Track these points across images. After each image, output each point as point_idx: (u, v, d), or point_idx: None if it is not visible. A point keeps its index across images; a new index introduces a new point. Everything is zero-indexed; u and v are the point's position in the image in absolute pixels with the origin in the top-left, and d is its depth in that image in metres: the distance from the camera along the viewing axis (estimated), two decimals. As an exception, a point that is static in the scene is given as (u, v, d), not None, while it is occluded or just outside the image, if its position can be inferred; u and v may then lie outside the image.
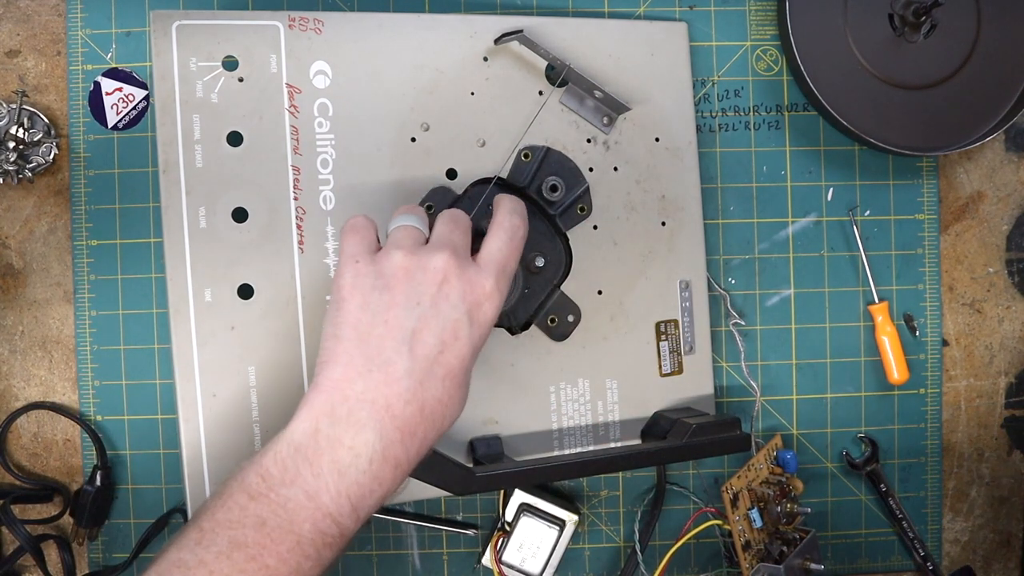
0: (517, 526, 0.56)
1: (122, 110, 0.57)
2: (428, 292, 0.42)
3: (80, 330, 0.57)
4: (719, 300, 0.60)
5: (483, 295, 0.44)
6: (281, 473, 0.39)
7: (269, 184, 0.52)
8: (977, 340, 0.63)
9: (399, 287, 0.42)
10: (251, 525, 0.38)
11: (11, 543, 0.58)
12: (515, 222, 0.47)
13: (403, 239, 0.45)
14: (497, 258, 0.45)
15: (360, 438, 0.40)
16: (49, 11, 0.58)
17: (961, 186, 0.62)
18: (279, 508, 0.39)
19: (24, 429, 0.58)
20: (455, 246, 0.44)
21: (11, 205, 0.58)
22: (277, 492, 0.39)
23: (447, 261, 0.43)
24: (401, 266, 0.43)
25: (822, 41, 0.58)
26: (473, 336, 0.43)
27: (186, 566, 0.38)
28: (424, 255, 0.43)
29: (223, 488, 0.40)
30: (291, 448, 0.40)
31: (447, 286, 0.43)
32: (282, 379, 0.52)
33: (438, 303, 0.42)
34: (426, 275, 0.43)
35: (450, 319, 0.42)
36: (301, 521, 0.39)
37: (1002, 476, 0.63)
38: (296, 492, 0.39)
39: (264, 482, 0.39)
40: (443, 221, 0.46)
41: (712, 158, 0.60)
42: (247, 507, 0.39)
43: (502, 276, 0.45)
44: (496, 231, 0.46)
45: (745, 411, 0.61)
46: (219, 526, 0.39)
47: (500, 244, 0.46)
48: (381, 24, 0.53)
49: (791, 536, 0.57)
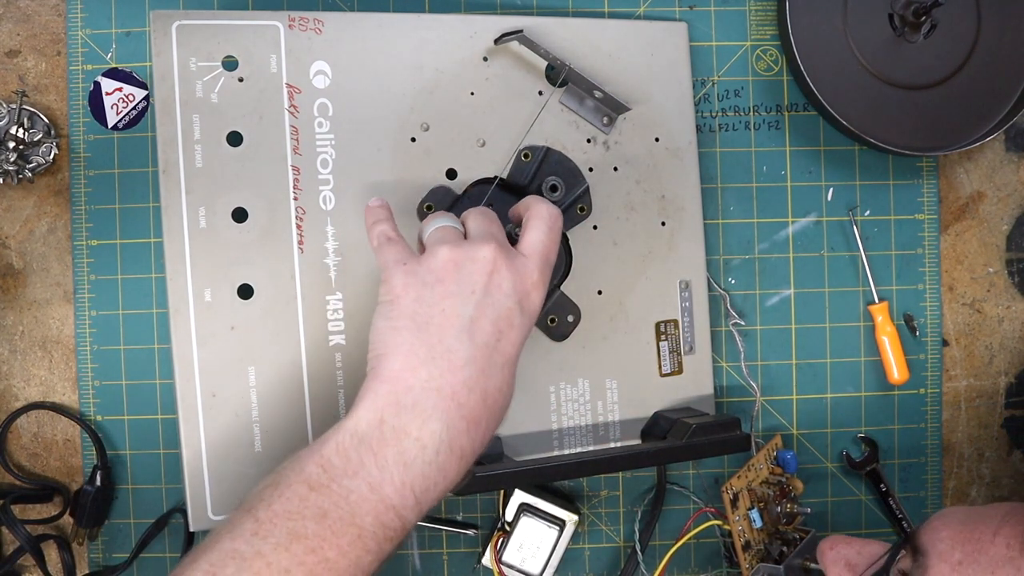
0: (517, 526, 0.56)
1: (122, 110, 0.57)
2: (480, 281, 0.42)
3: (80, 330, 0.57)
4: (719, 300, 0.60)
5: (531, 284, 0.44)
6: (344, 464, 0.39)
7: (269, 184, 0.52)
8: (977, 340, 0.63)
9: (450, 278, 0.42)
10: (311, 516, 0.37)
11: (11, 543, 0.58)
12: (553, 211, 0.47)
13: (444, 236, 0.45)
14: (539, 248, 0.45)
15: (427, 428, 0.39)
16: (49, 11, 0.58)
17: (961, 186, 0.62)
18: (341, 500, 0.38)
19: (24, 429, 0.58)
20: (496, 238, 0.44)
21: (11, 205, 0.58)
22: (339, 483, 0.38)
23: (495, 251, 0.43)
24: (450, 259, 0.43)
25: (822, 41, 0.58)
26: (524, 324, 0.43)
27: (242, 557, 0.37)
28: (470, 247, 0.43)
29: (279, 478, 0.39)
30: (355, 439, 0.39)
31: (497, 275, 0.43)
32: (282, 379, 0.52)
33: (491, 291, 0.42)
34: (476, 265, 0.43)
35: (504, 307, 0.42)
36: (363, 514, 0.38)
37: (1002, 476, 0.63)
38: (359, 484, 0.38)
39: (326, 472, 0.38)
40: (475, 218, 0.46)
41: (712, 158, 0.60)
42: (307, 498, 0.38)
43: (545, 266, 0.45)
44: (535, 222, 0.46)
45: (745, 411, 0.61)
46: (277, 516, 0.38)
47: (540, 235, 0.46)
48: (381, 24, 0.53)
49: (791, 536, 0.57)
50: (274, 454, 0.52)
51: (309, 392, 0.52)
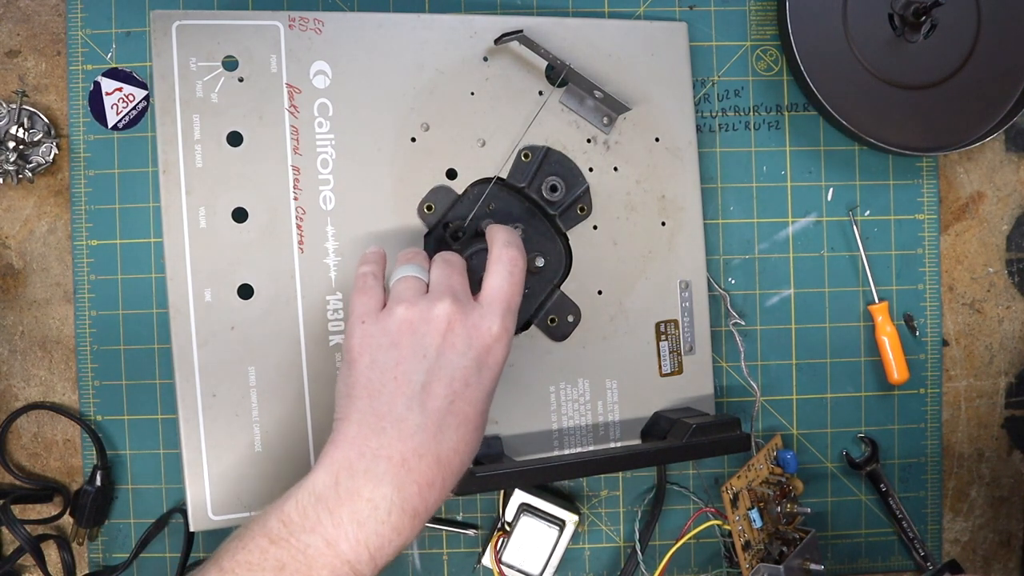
0: (517, 526, 0.56)
1: (122, 110, 0.57)
2: (433, 344, 0.43)
3: (80, 330, 0.57)
4: (719, 300, 0.60)
5: (491, 337, 0.44)
6: (302, 520, 0.40)
7: (269, 184, 0.52)
8: (977, 340, 0.63)
9: (405, 342, 0.43)
10: (271, 568, 0.39)
11: (11, 543, 0.58)
12: (512, 255, 0.46)
13: (404, 292, 0.45)
14: (499, 296, 0.45)
15: (379, 491, 0.40)
16: (49, 11, 0.58)
17: (961, 186, 0.62)
18: (299, 553, 0.39)
19: (24, 429, 0.58)
20: (455, 291, 0.44)
21: (11, 205, 0.58)
22: (297, 538, 0.40)
23: (449, 308, 0.43)
24: (405, 320, 0.43)
25: (822, 41, 0.58)
26: (484, 381, 0.43)
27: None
28: (426, 306, 0.43)
29: (244, 531, 0.41)
30: (313, 497, 0.41)
31: (451, 335, 0.43)
32: (282, 379, 0.52)
33: (444, 352, 0.43)
34: (430, 326, 0.43)
35: (459, 367, 0.43)
36: (320, 567, 0.39)
37: (1002, 476, 0.63)
38: (316, 539, 0.40)
39: (285, 527, 0.40)
40: (438, 266, 0.46)
41: (712, 158, 0.60)
42: (267, 550, 0.39)
43: (508, 314, 0.45)
44: (495, 267, 0.46)
45: (745, 411, 0.61)
46: (239, 567, 0.39)
47: (500, 281, 0.45)
48: (381, 24, 0.53)
49: (791, 536, 0.57)
50: (274, 454, 0.52)
51: (309, 392, 0.52)
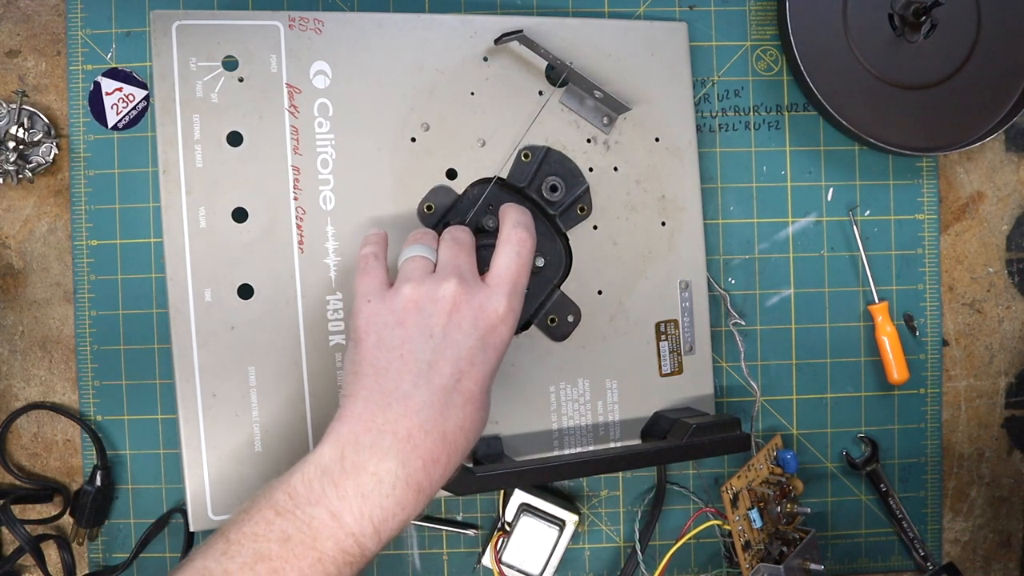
0: (517, 526, 0.56)
1: (122, 110, 0.57)
2: (439, 323, 0.43)
3: (80, 330, 0.57)
4: (719, 300, 0.60)
5: (496, 318, 0.44)
6: (307, 492, 0.41)
7: (269, 184, 0.52)
8: (977, 340, 0.63)
9: (411, 320, 0.43)
10: (276, 539, 0.40)
11: (11, 543, 0.58)
12: (521, 235, 0.47)
13: (411, 271, 0.45)
14: (506, 276, 0.45)
15: (383, 466, 0.41)
16: (49, 11, 0.58)
17: (961, 186, 0.62)
18: (304, 525, 0.40)
19: (24, 429, 0.58)
20: (461, 271, 0.45)
21: (11, 205, 0.58)
22: (303, 510, 0.40)
23: (455, 288, 0.44)
24: (411, 299, 0.44)
25: (822, 41, 0.58)
26: (489, 360, 0.44)
27: (211, 574, 0.39)
28: (432, 285, 0.44)
29: (251, 503, 0.41)
30: (318, 470, 0.41)
31: (457, 315, 0.43)
32: (282, 379, 0.52)
33: (450, 332, 0.43)
34: (436, 305, 0.43)
35: (464, 347, 0.43)
36: (324, 539, 0.40)
37: (1002, 476, 0.63)
38: (321, 511, 0.40)
39: (291, 500, 0.40)
40: (446, 245, 0.47)
41: (712, 158, 0.60)
42: (273, 522, 0.40)
43: (514, 294, 0.45)
44: (503, 247, 0.47)
45: (745, 411, 0.61)
46: (245, 538, 0.40)
47: (508, 261, 0.46)
48: (381, 24, 0.53)
49: (791, 536, 0.57)
50: (274, 454, 0.52)
51: (309, 392, 0.52)
